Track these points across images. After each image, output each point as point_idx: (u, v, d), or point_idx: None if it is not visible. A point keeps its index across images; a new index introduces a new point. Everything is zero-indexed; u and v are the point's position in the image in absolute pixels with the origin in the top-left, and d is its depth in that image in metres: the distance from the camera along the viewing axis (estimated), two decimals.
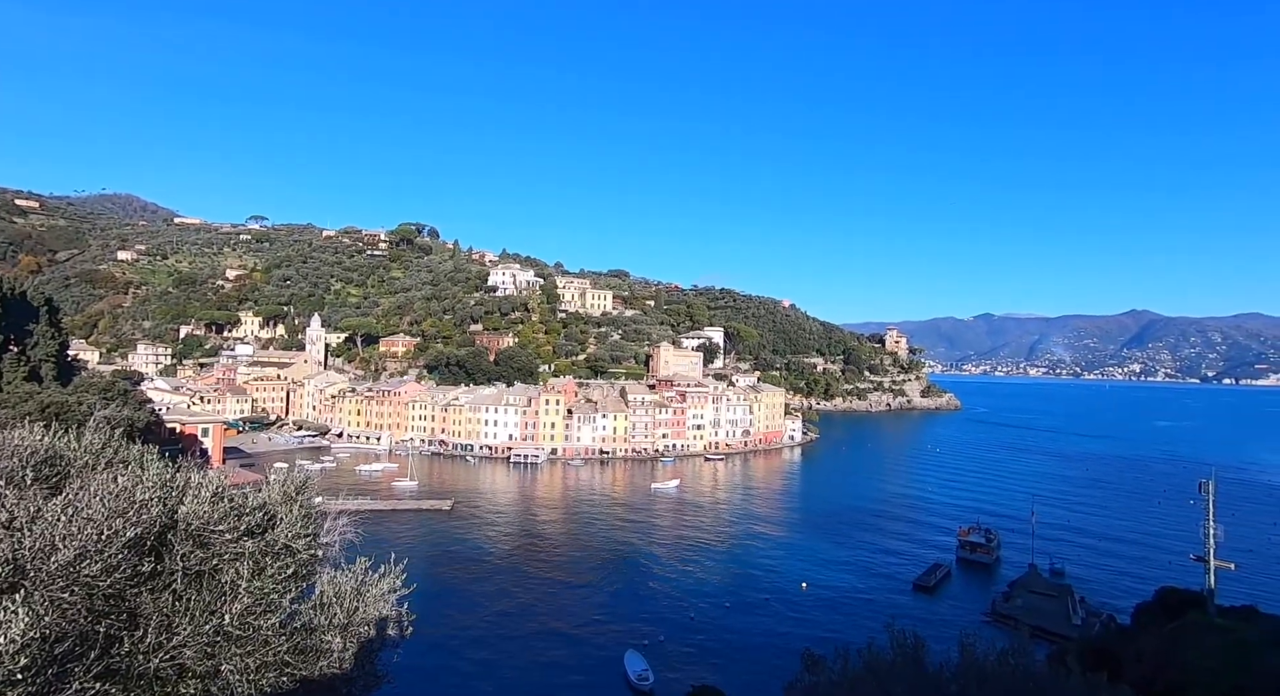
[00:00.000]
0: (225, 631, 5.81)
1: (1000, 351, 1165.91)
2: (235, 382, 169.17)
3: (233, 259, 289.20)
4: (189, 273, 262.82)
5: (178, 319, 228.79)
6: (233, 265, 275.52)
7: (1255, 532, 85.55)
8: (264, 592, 6.32)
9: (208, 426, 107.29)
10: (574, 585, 62.86)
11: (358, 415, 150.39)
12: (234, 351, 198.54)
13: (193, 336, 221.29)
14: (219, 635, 5.76)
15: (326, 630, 7.27)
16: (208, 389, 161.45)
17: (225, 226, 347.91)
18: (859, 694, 7.45)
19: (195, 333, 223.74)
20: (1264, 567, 70.28)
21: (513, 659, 47.64)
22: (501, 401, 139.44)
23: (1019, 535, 78.48)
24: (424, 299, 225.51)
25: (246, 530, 6.85)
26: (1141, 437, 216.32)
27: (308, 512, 8.02)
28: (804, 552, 75.98)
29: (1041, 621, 52.31)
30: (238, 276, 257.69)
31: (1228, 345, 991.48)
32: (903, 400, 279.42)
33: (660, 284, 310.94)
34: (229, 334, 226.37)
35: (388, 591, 8.24)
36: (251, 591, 6.16)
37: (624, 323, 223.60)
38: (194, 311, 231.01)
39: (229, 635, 5.83)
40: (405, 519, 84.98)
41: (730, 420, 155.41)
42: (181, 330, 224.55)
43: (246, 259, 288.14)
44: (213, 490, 6.85)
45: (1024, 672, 7.33)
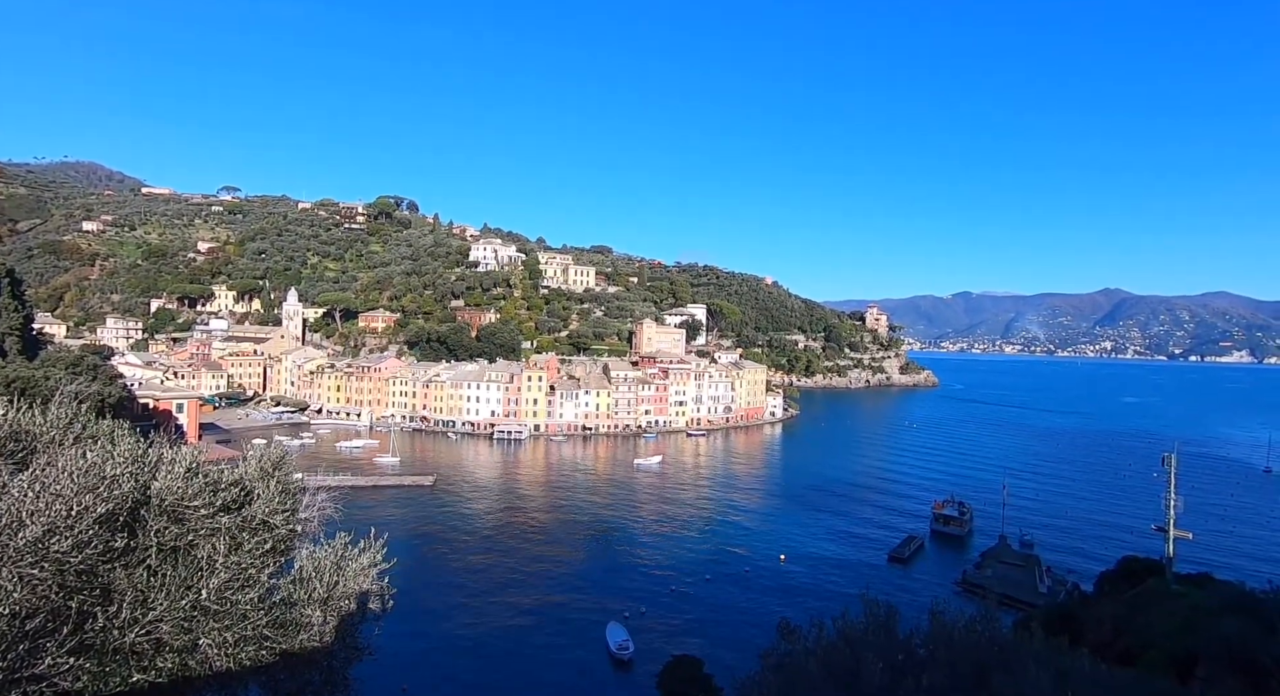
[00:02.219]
0: (202, 606, 5.78)
1: (977, 329, 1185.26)
2: (210, 358, 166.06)
3: (204, 231, 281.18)
4: (159, 245, 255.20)
5: (148, 292, 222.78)
6: (205, 237, 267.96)
7: (1213, 503, 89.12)
8: (241, 567, 6.29)
9: (182, 402, 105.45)
10: (556, 559, 63.62)
11: (337, 391, 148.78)
12: (208, 326, 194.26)
13: (164, 310, 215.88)
14: (196, 610, 5.73)
15: (306, 604, 7.28)
16: (182, 364, 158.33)
17: (196, 197, 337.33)
18: (833, 661, 7.67)
19: (167, 306, 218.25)
20: (1220, 537, 73.40)
21: (494, 631, 48.32)
22: (484, 378, 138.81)
23: (991, 508, 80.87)
24: (404, 274, 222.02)
25: (223, 506, 6.79)
26: (1110, 413, 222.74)
27: (286, 488, 7.96)
28: (783, 526, 77.58)
29: (1010, 590, 54.25)
30: (210, 249, 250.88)
31: (1195, 323, 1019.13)
32: (882, 377, 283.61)
33: (644, 260, 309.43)
34: (202, 308, 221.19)
35: (368, 566, 8.27)
36: (228, 566, 6.13)
37: (607, 299, 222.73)
38: (165, 284, 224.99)
39: (206, 610, 5.80)
40: (387, 495, 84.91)
41: (712, 397, 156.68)
42: (152, 304, 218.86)
43: (219, 231, 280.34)
44: (187, 465, 6.75)
45: (990, 638, 7.61)
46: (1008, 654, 7.27)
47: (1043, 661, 6.88)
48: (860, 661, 7.45)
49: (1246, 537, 76.88)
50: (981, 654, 7.23)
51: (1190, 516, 53.13)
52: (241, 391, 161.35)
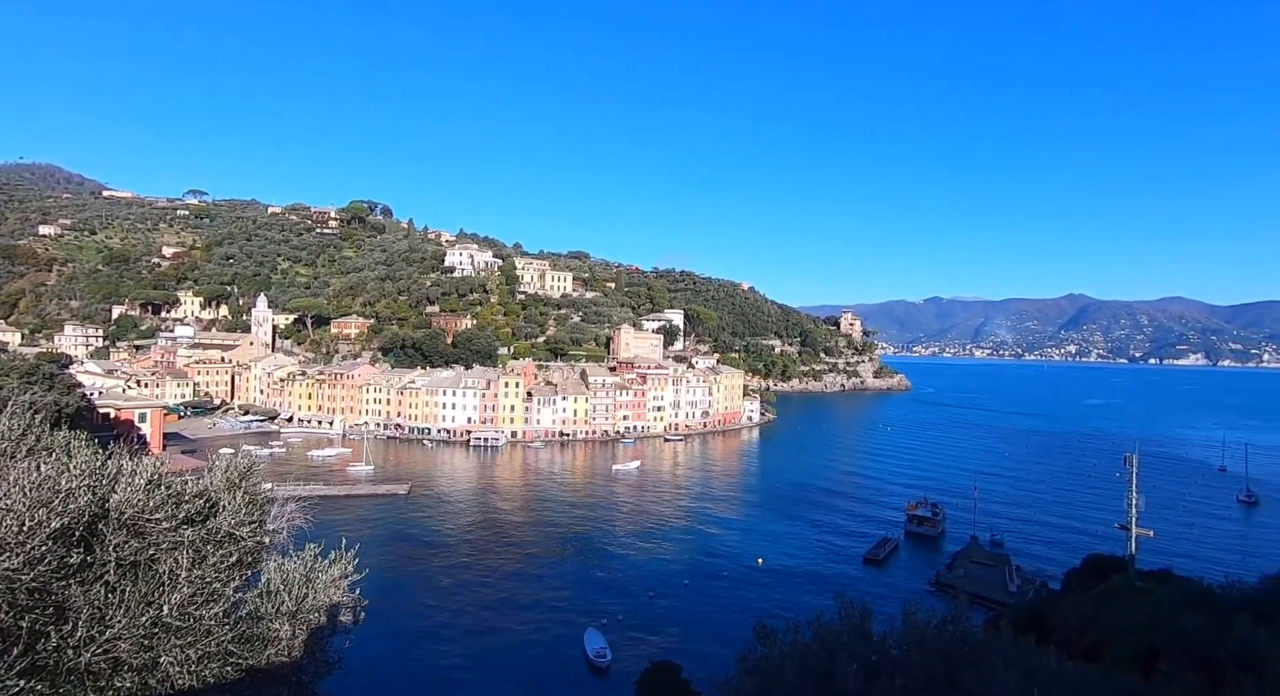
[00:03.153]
0: (163, 622, 5.59)
1: (948, 333, 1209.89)
2: (175, 366, 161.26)
3: (169, 235, 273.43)
4: (121, 249, 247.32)
5: (109, 298, 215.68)
6: (170, 242, 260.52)
7: (1173, 501, 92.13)
8: (205, 582, 6.11)
9: (145, 411, 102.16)
10: (534, 566, 63.03)
11: (309, 399, 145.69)
12: (173, 333, 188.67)
13: (127, 317, 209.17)
14: (156, 626, 5.54)
15: (274, 618, 7.10)
16: (145, 372, 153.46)
17: (160, 201, 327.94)
18: (808, 663, 7.73)
19: (129, 313, 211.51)
20: (1179, 533, 75.88)
21: (470, 640, 47.63)
22: (460, 384, 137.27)
23: (963, 508, 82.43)
24: (378, 279, 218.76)
25: (186, 518, 6.59)
26: (1075, 415, 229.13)
27: (253, 499, 7.76)
28: (761, 529, 78.03)
29: (981, 589, 55.33)
30: (175, 254, 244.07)
31: (1154, 327, 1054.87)
32: (856, 381, 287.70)
33: (621, 266, 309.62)
34: (167, 314, 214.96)
35: (339, 577, 8.09)
36: (191, 581, 5.94)
37: (584, 305, 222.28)
38: (127, 290, 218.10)
39: (168, 626, 5.61)
40: (360, 504, 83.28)
41: (690, 401, 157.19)
42: (114, 310, 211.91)
43: (185, 235, 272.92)
44: (148, 477, 6.54)
45: (960, 637, 7.74)
46: (978, 653, 7.41)
47: (1011, 660, 7.03)
48: (835, 663, 7.52)
49: (1204, 534, 79.64)
50: (953, 653, 7.36)
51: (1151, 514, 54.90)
52: (208, 400, 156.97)
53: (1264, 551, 69.37)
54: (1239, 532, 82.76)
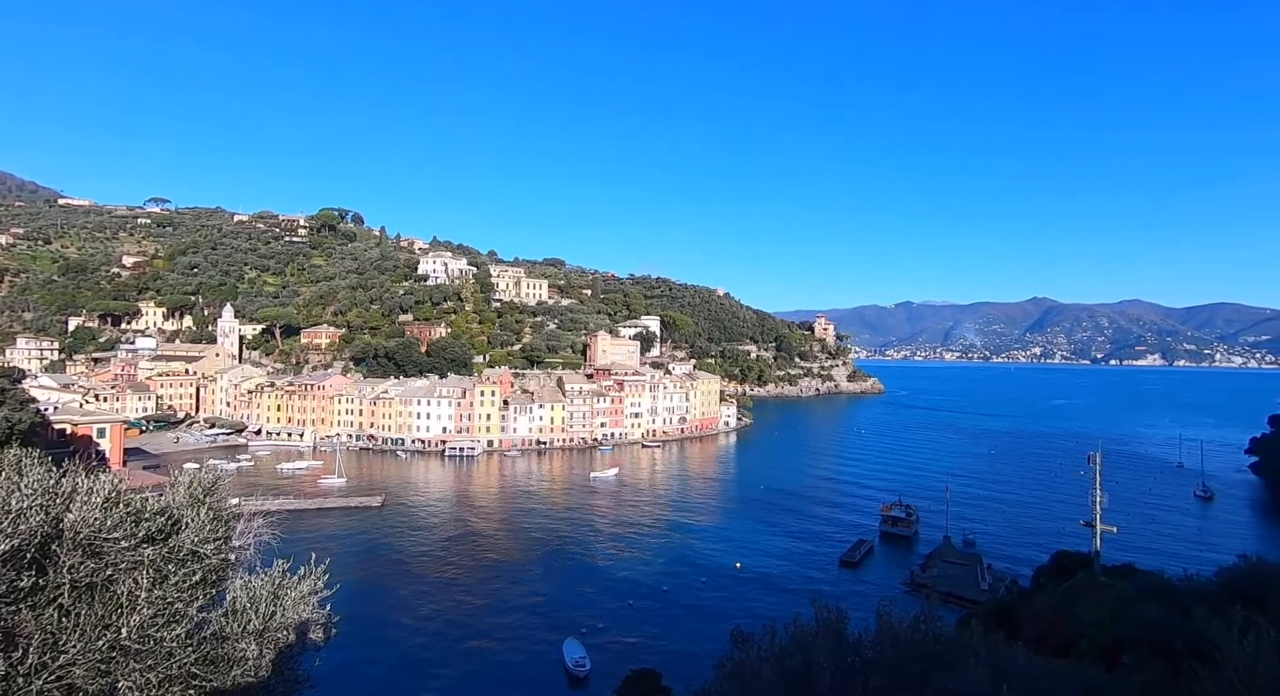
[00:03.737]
0: (122, 646, 5.39)
1: (919, 337, 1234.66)
2: (136, 378, 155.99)
3: (130, 244, 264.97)
4: (78, 259, 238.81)
5: (65, 309, 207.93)
6: (130, 251, 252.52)
7: (1134, 497, 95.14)
8: (166, 602, 5.90)
9: (104, 426, 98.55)
10: (512, 577, 62.28)
11: (278, 410, 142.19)
12: (134, 345, 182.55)
13: (84, 329, 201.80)
14: (114, 650, 5.34)
15: (240, 637, 6.89)
16: (104, 386, 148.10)
17: (120, 209, 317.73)
18: (785, 666, 7.78)
19: (87, 325, 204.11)
20: (1141, 529, 78.33)
21: (447, 653, 46.80)
22: (434, 393, 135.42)
23: (936, 508, 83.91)
24: (349, 288, 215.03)
25: (146, 536, 6.37)
26: (1041, 415, 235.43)
27: (218, 515, 7.55)
28: (739, 534, 78.34)
29: (954, 588, 56.37)
30: (136, 263, 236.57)
31: (1114, 329, 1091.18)
32: (831, 385, 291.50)
33: (597, 273, 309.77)
34: (128, 326, 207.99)
35: (308, 593, 7.89)
36: (152, 601, 5.74)
37: (560, 312, 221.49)
38: (85, 301, 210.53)
39: (126, 649, 5.41)
40: (332, 517, 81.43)
41: (667, 408, 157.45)
42: (71, 322, 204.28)
43: (146, 244, 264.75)
44: (105, 495, 6.31)
45: (933, 636, 7.87)
46: (949, 651, 7.54)
47: (981, 657, 7.17)
48: (811, 665, 7.59)
49: (1164, 528, 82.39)
50: (925, 652, 7.48)
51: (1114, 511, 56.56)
52: (172, 413, 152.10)
53: (1219, 544, 71.97)
54: (1196, 526, 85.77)
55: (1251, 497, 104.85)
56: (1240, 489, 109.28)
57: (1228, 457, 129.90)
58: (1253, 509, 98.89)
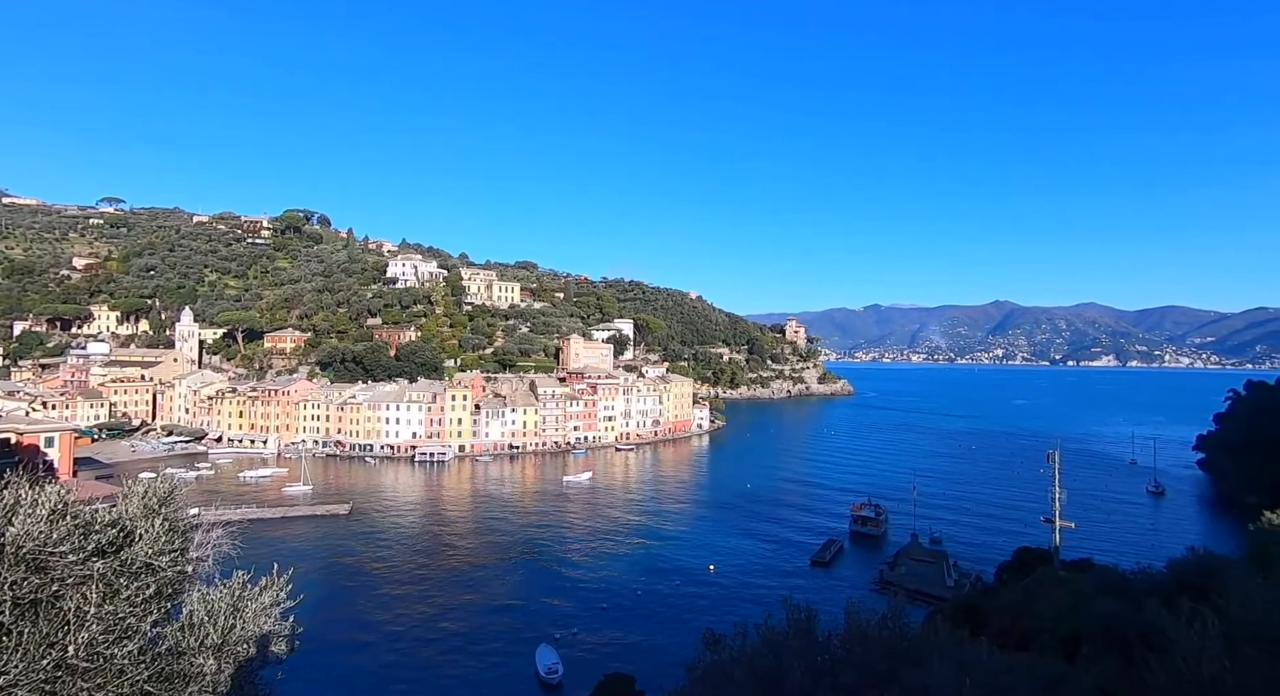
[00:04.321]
0: (69, 664, 5.16)
1: (887, 339, 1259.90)
2: (88, 385, 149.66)
3: (81, 245, 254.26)
4: (24, 261, 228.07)
5: (10, 313, 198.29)
6: (81, 253, 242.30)
7: (1091, 494, 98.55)
8: (118, 617, 5.67)
9: (53, 435, 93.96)
10: (484, 583, 61.45)
11: (240, 417, 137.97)
12: (85, 349, 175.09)
13: (31, 333, 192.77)
14: (60, 669, 5.11)
15: (197, 652, 6.66)
16: (52, 393, 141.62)
17: (70, 208, 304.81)
18: (756, 666, 7.83)
19: (34, 329, 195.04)
20: (1098, 524, 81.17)
21: (417, 662, 45.92)
22: (404, 398, 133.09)
23: (904, 508, 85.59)
24: (315, 291, 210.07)
25: (96, 549, 6.11)
26: (1003, 415, 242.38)
27: (174, 526, 7.29)
28: (712, 537, 78.70)
29: (921, 585, 57.54)
30: (88, 265, 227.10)
31: (1071, 332, 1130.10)
32: (802, 387, 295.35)
33: (569, 276, 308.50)
34: (78, 330, 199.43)
35: (270, 605, 7.67)
36: (102, 617, 5.50)
37: (533, 315, 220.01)
38: (31, 305, 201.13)
39: (73, 668, 5.18)
40: (298, 526, 79.25)
41: (641, 411, 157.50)
42: (16, 326, 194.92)
43: (99, 245, 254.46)
44: (51, 507, 6.03)
45: (900, 633, 8.03)
46: (916, 648, 7.70)
47: (946, 653, 7.34)
48: (782, 665, 7.66)
49: (1119, 523, 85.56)
50: (892, 650, 7.62)
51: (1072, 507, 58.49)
52: (126, 421, 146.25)
53: (1170, 538, 74.99)
54: (1149, 521, 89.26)
55: (1199, 492, 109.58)
56: (1189, 484, 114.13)
57: (1177, 454, 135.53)
58: (1200, 503, 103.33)
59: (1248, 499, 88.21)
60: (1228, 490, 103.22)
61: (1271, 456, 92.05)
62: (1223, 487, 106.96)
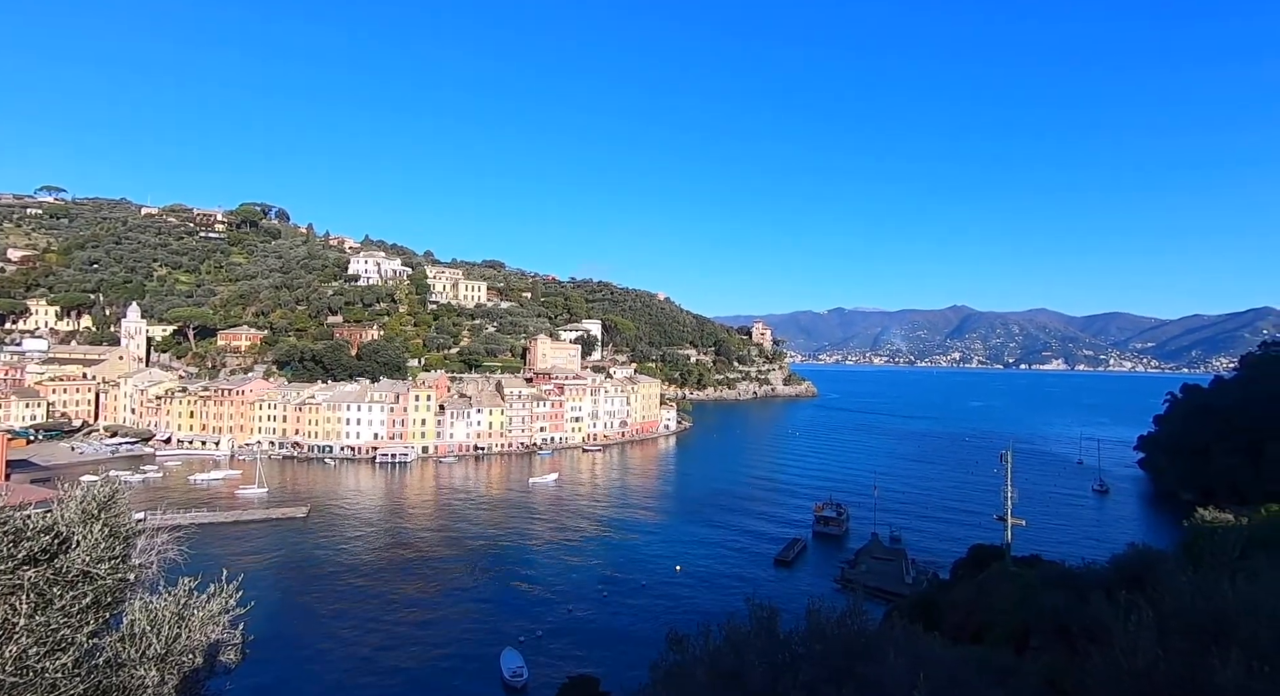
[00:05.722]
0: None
1: (850, 342, 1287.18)
2: (23, 383, 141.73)
3: (17, 236, 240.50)
4: None
5: None
6: (17, 244, 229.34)
7: (1041, 492, 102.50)
8: (51, 628, 5.38)
9: None
10: (447, 586, 60.43)
11: (191, 417, 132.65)
12: (20, 346, 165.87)
13: None
14: None
15: (139, 663, 6.37)
16: None
17: (5, 197, 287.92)
18: (718, 666, 7.90)
19: None
20: (1047, 521, 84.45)
21: (376, 669, 44.85)
22: (365, 398, 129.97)
23: (865, 507, 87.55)
24: (272, 287, 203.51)
25: (27, 557, 5.79)
26: (959, 416, 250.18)
27: (114, 531, 6.96)
28: (678, 537, 79.08)
29: (881, 583, 58.92)
30: (25, 257, 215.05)
31: (1023, 336, 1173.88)
32: (768, 389, 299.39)
33: (537, 275, 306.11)
34: (13, 326, 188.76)
35: (218, 612, 7.40)
36: (32, 629, 5.22)
37: (499, 315, 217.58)
38: None
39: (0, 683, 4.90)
40: (252, 530, 76.59)
41: (608, 411, 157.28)
42: None
43: (36, 237, 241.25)
44: None
45: (858, 630, 8.20)
46: (872, 644, 7.88)
47: (901, 647, 7.53)
48: (744, 664, 7.74)
49: (1067, 520, 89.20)
50: (851, 646, 7.78)
51: (1024, 505, 60.66)
52: (65, 421, 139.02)
53: (1114, 534, 78.52)
54: (1094, 518, 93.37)
55: (1139, 490, 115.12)
56: (1130, 482, 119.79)
57: (1120, 454, 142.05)
58: (1140, 500, 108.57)
59: (1183, 495, 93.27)
60: (1165, 487, 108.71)
61: (1204, 456, 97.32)
62: (1160, 485, 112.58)
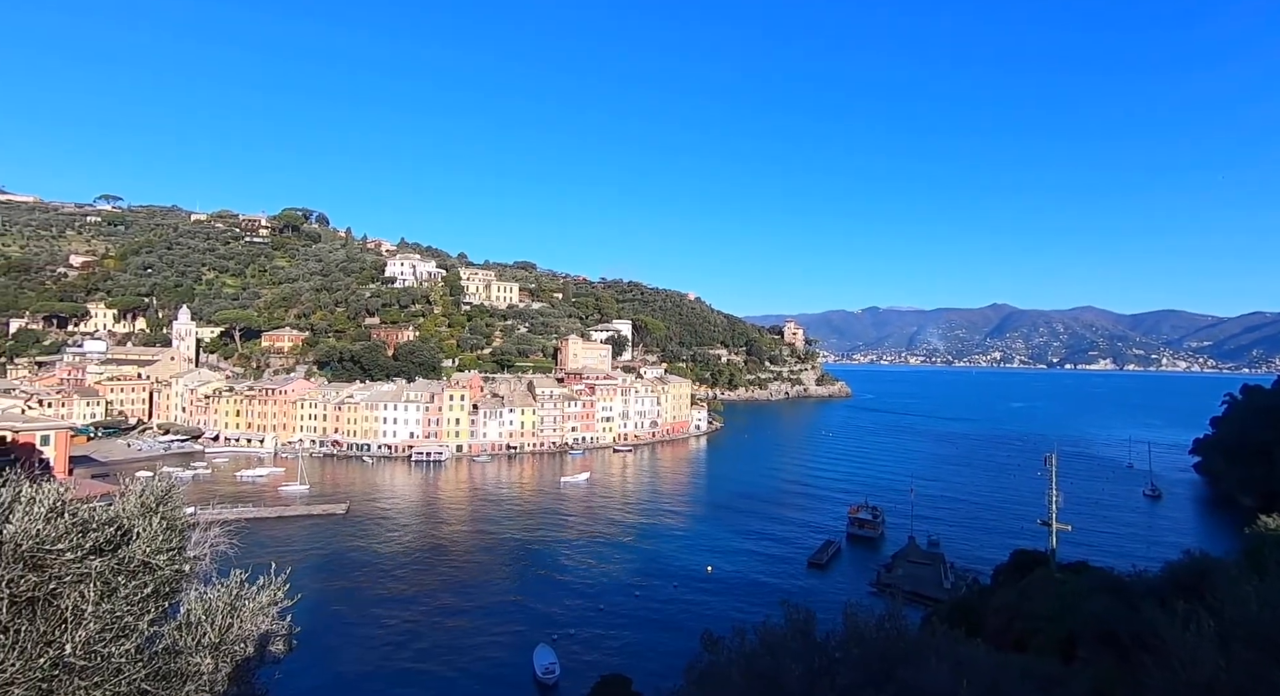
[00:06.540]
0: (66, 663, 5.15)
1: (885, 342, 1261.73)
2: (85, 383, 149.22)
3: (78, 243, 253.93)
4: (21, 258, 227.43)
5: (7, 311, 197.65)
6: (78, 250, 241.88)
7: (1088, 497, 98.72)
8: (115, 616, 5.66)
9: (49, 433, 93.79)
10: (481, 583, 61.36)
11: (237, 416, 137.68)
12: (82, 348, 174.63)
13: (27, 331, 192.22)
14: (58, 667, 5.10)
15: (194, 651, 6.65)
16: (49, 391, 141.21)
17: (67, 206, 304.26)
18: (754, 668, 7.85)
19: (30, 327, 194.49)
20: (1094, 527, 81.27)
21: (413, 663, 45.82)
22: (401, 398, 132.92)
23: (901, 510, 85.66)
24: (313, 290, 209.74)
25: (93, 548, 6.10)
26: (1000, 417, 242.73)
27: (171, 524, 7.28)
28: (709, 537, 78.67)
29: (918, 587, 57.58)
30: (85, 263, 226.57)
31: (1068, 335, 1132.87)
32: (800, 389, 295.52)
33: (568, 276, 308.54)
34: (75, 328, 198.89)
35: (267, 604, 7.66)
36: (99, 616, 5.50)
37: (531, 315, 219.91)
38: (28, 303, 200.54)
39: (70, 667, 5.17)
40: (295, 525, 79.09)
41: (639, 411, 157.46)
42: (12, 324, 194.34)
43: (96, 243, 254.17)
44: (49, 505, 6.03)
45: (897, 634, 8.05)
46: (913, 648, 7.72)
47: (943, 653, 7.36)
48: (780, 667, 7.67)
49: (1116, 526, 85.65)
50: (889, 650, 7.64)
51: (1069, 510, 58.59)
52: (123, 420, 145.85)
53: (1167, 541, 75.13)
54: (1145, 524, 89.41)
55: (1195, 495, 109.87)
56: (1184, 487, 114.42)
57: (1174, 458, 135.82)
58: (1196, 506, 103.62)
59: (1243, 501, 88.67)
60: (1223, 493, 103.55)
61: (1266, 459, 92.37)
62: (1218, 490, 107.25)
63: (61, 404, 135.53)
